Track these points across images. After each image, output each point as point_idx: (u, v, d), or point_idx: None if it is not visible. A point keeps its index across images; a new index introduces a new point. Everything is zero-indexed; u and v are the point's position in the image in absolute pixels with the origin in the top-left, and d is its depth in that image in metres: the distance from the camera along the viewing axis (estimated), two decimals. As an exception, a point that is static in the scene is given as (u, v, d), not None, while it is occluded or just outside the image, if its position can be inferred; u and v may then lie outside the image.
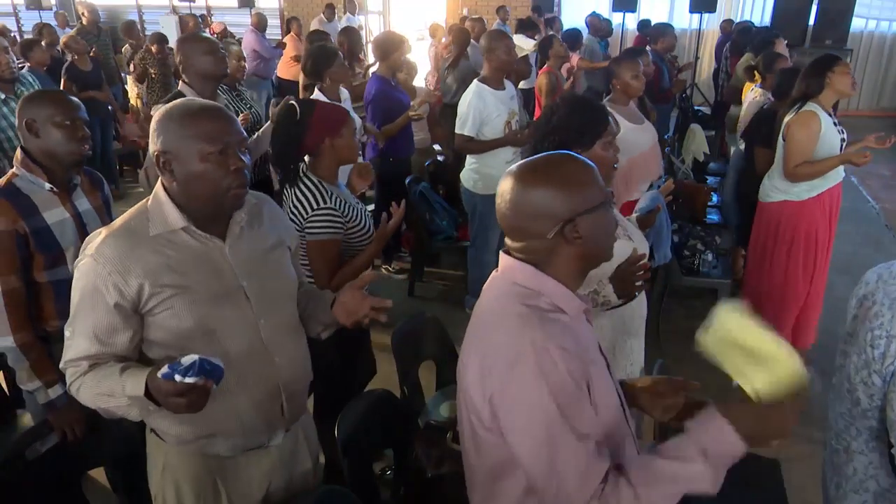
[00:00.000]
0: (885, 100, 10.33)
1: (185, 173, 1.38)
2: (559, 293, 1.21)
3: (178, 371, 1.20)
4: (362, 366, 2.60)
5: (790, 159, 3.15)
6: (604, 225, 1.23)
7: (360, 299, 1.60)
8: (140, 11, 12.27)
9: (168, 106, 1.43)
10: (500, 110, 3.59)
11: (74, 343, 1.40)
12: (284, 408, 1.58)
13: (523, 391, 1.12)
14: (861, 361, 1.45)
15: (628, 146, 3.10)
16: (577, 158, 1.25)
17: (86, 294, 1.37)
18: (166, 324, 1.40)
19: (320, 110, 2.27)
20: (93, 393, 1.37)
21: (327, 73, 3.57)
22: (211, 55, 2.90)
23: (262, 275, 1.52)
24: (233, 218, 1.48)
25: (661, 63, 5.67)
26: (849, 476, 1.54)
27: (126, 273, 1.35)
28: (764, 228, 3.43)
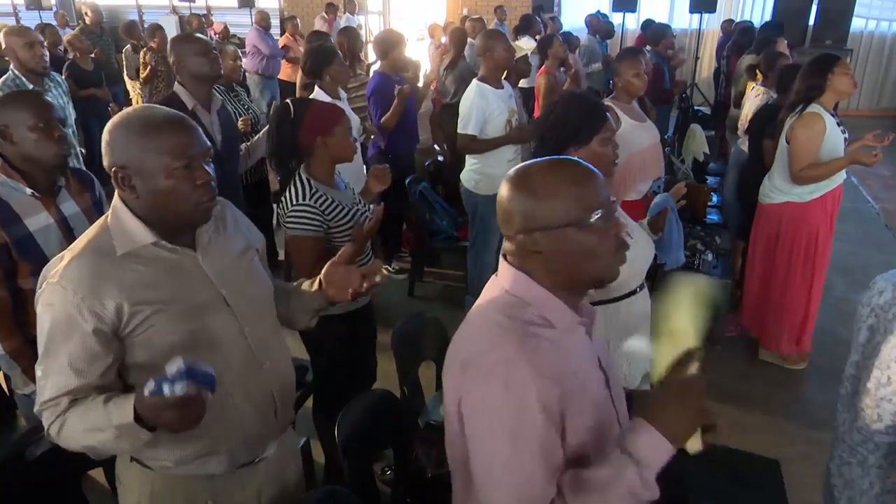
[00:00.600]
0: (885, 100, 10.33)
1: (148, 189, 1.30)
2: (549, 305, 1.17)
3: (166, 382, 1.11)
4: (364, 368, 2.61)
5: (796, 162, 3.11)
6: (571, 246, 1.13)
7: (346, 272, 1.58)
8: (140, 11, 12.27)
9: (124, 116, 1.33)
10: (501, 108, 3.60)
11: (49, 382, 1.29)
12: (278, 414, 1.55)
13: (488, 405, 1.11)
14: (884, 377, 1.43)
15: (627, 143, 3.10)
16: (568, 168, 1.17)
17: (57, 325, 1.28)
18: (151, 342, 1.33)
19: (313, 109, 2.28)
20: (78, 430, 1.27)
21: (327, 72, 3.58)
22: (204, 56, 2.86)
23: (239, 281, 1.48)
24: (200, 227, 1.42)
25: (662, 63, 5.66)
26: (864, 490, 1.52)
27: (100, 296, 1.27)
28: (764, 230, 3.42)
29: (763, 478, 2.17)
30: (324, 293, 1.62)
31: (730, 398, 3.30)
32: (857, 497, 1.55)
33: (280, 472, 1.64)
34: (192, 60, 2.86)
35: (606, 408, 1.23)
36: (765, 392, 3.36)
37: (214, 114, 2.97)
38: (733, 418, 3.12)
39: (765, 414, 3.20)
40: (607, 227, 1.14)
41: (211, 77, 2.93)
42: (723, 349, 3.74)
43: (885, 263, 4.22)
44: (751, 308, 3.62)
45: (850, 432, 1.55)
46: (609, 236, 1.15)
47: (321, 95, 3.49)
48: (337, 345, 2.37)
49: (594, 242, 1.13)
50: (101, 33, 7.44)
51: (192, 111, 2.84)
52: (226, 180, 2.98)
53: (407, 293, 4.40)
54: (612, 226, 1.15)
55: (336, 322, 2.24)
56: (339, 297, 1.61)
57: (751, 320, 3.66)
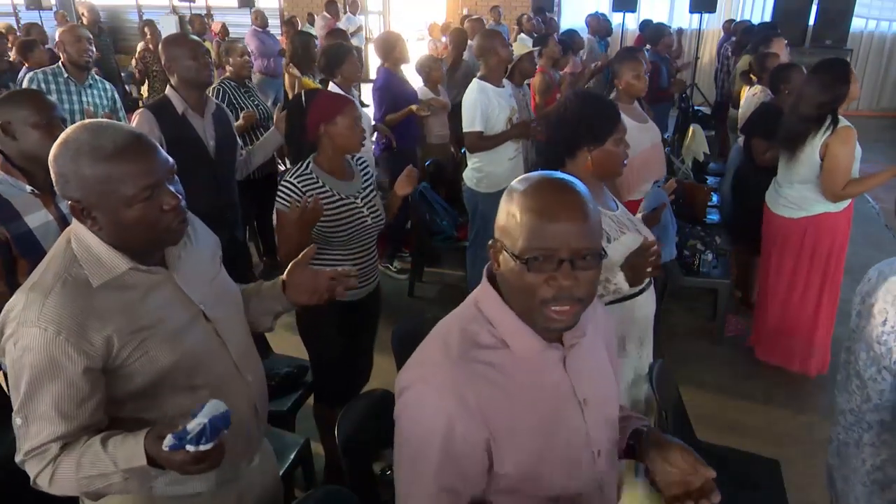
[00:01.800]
0: (885, 100, 10.33)
1: (112, 221, 1.22)
2: (512, 330, 1.11)
3: (189, 440, 1.08)
4: (363, 360, 2.62)
5: (838, 180, 2.98)
6: (514, 279, 1.06)
7: (313, 276, 1.54)
8: (140, 11, 12.27)
9: (71, 144, 1.20)
10: (502, 106, 3.61)
11: (32, 430, 1.20)
12: (260, 424, 1.54)
13: (404, 414, 1.11)
14: (869, 358, 1.48)
15: (630, 144, 3.11)
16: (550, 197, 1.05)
17: (38, 370, 1.18)
18: (145, 369, 1.27)
19: (318, 98, 2.32)
20: (75, 479, 1.20)
21: (339, 72, 3.71)
22: (193, 61, 2.77)
23: (214, 292, 1.44)
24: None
25: (660, 62, 5.67)
26: (857, 467, 1.57)
27: (86, 332, 1.19)
28: (796, 244, 3.23)
29: (763, 478, 2.17)
30: (288, 296, 1.58)
31: (730, 398, 3.30)
32: (850, 475, 1.60)
33: (260, 479, 1.61)
34: (181, 65, 2.78)
35: (575, 439, 1.17)
36: (765, 392, 3.36)
37: (209, 118, 2.88)
38: (733, 418, 3.12)
39: (765, 414, 3.20)
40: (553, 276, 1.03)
41: (200, 84, 2.84)
42: (723, 349, 3.75)
43: (885, 263, 4.21)
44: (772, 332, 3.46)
45: (844, 414, 1.61)
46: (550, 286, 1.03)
47: (335, 90, 3.54)
48: (336, 338, 2.37)
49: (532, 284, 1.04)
50: (100, 33, 7.44)
51: (182, 115, 2.79)
52: (219, 186, 2.92)
53: (407, 293, 4.40)
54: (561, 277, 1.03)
55: (337, 311, 2.24)
56: (301, 301, 1.57)
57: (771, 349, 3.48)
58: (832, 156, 2.96)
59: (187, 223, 1.34)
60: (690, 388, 2.93)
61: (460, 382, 1.06)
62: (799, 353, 3.39)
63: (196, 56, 2.78)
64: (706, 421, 2.71)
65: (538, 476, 1.13)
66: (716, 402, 3.25)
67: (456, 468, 1.07)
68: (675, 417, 2.25)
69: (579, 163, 2.01)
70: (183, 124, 2.80)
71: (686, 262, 3.69)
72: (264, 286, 1.64)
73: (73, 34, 3.59)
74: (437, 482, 1.08)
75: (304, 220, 2.09)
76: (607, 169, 2.02)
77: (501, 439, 1.08)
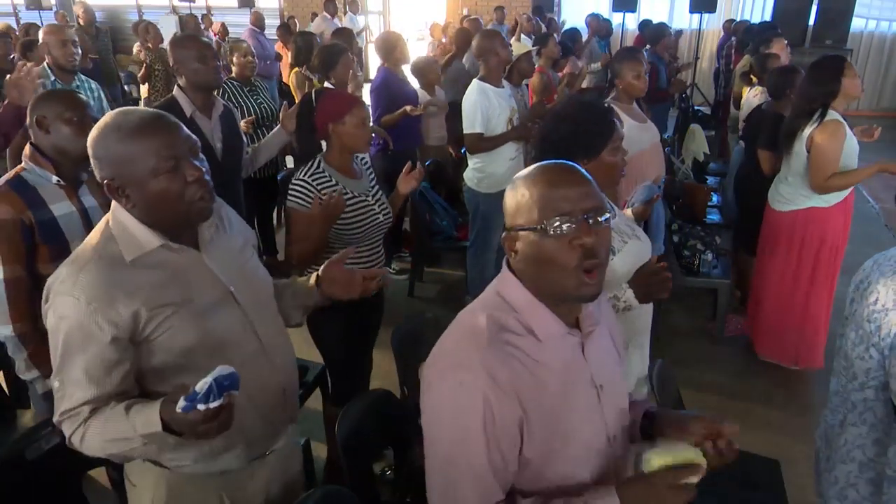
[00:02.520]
0: (885, 100, 10.33)
1: (141, 196, 1.30)
2: (535, 313, 1.15)
3: (199, 400, 1.13)
4: (367, 359, 2.63)
5: (821, 172, 3.02)
6: (532, 251, 1.10)
7: (349, 273, 1.61)
8: (140, 11, 12.27)
9: (102, 127, 1.31)
10: (502, 107, 3.60)
11: (67, 393, 1.30)
12: (287, 407, 1.58)
13: (436, 405, 1.13)
14: (858, 337, 1.49)
15: (630, 144, 3.07)
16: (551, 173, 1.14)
17: (71, 337, 1.27)
18: (168, 345, 1.33)
19: (326, 97, 2.35)
20: (101, 441, 1.28)
21: (332, 74, 3.70)
22: (202, 64, 2.76)
23: (244, 277, 1.49)
24: (201, 226, 1.42)
25: (658, 63, 5.67)
26: (839, 447, 1.58)
27: (114, 304, 1.27)
28: (786, 238, 3.29)
29: (763, 478, 2.17)
30: (323, 291, 1.64)
31: (730, 398, 3.30)
32: (832, 455, 1.61)
33: (285, 464, 1.66)
34: (190, 68, 2.77)
35: (592, 424, 1.20)
36: (765, 392, 3.36)
37: (216, 120, 2.88)
38: (733, 418, 3.10)
39: (765, 414, 3.20)
40: (573, 237, 1.08)
41: (208, 87, 2.83)
42: (723, 349, 3.75)
43: (885, 263, 4.20)
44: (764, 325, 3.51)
45: (832, 397, 1.63)
46: (573, 247, 1.08)
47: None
48: (346, 337, 2.40)
49: (555, 252, 1.08)
50: (98, 34, 7.43)
51: (189, 118, 2.78)
52: (225, 188, 2.93)
53: (407, 293, 4.40)
54: (580, 236, 1.08)
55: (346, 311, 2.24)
56: (341, 295, 1.63)
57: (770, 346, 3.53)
58: (816, 147, 3.02)
59: (213, 198, 1.38)
60: (690, 388, 2.93)
61: (493, 364, 1.08)
62: (791, 347, 3.42)
63: (205, 58, 2.77)
64: (706, 421, 2.71)
65: (560, 461, 1.15)
66: (716, 402, 3.25)
67: (498, 448, 1.10)
68: (675, 417, 2.25)
69: None
70: (190, 126, 2.79)
71: (686, 262, 3.69)
72: (298, 281, 1.72)
73: (57, 37, 3.49)
74: (484, 463, 1.10)
75: (327, 215, 2.11)
76: (605, 179, 1.97)
77: (532, 419, 1.11)
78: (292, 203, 2.24)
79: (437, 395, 1.13)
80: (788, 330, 3.39)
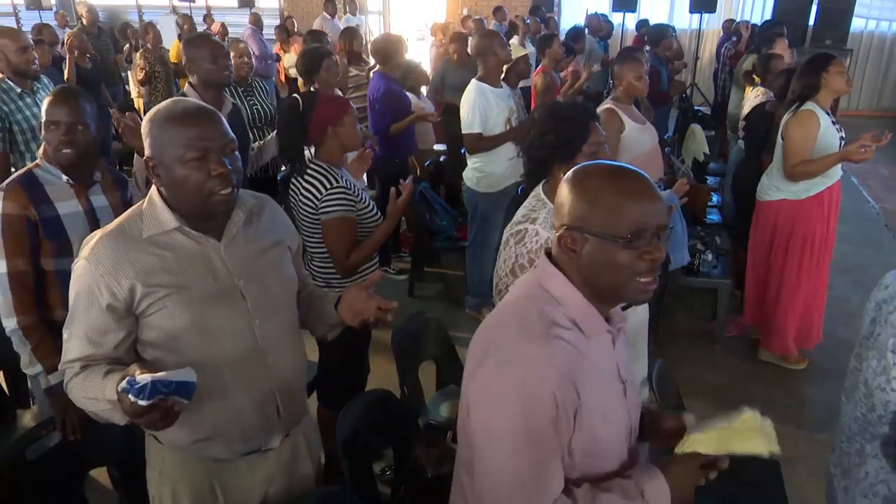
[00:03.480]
0: (885, 100, 10.33)
1: (168, 178, 1.38)
2: (581, 309, 1.18)
3: (133, 391, 1.15)
4: (364, 368, 2.62)
5: (788, 158, 3.15)
6: (605, 258, 1.14)
7: (366, 299, 1.60)
8: (140, 11, 12.27)
9: (154, 110, 1.42)
10: (500, 107, 3.61)
11: (70, 345, 1.40)
12: (280, 410, 1.56)
13: (499, 398, 1.13)
14: (880, 367, 1.44)
15: (631, 146, 3.10)
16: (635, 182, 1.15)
17: (80, 296, 1.38)
18: (160, 324, 1.40)
19: (323, 100, 2.37)
20: (80, 395, 1.36)
21: (316, 78, 3.58)
22: (213, 63, 2.85)
23: (259, 275, 1.51)
24: (231, 218, 1.47)
25: (659, 65, 5.67)
26: (859, 479, 1.54)
27: (117, 274, 1.35)
28: (762, 228, 3.43)
29: (763, 478, 2.17)
30: (339, 314, 1.63)
31: (730, 398, 3.30)
32: (852, 486, 1.57)
33: (292, 463, 1.66)
34: (201, 66, 2.86)
35: (621, 417, 1.25)
36: (765, 392, 3.36)
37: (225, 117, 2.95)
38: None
39: (765, 414, 3.19)
40: (648, 250, 1.12)
41: (219, 84, 2.92)
42: (723, 349, 3.75)
43: (885, 263, 4.22)
44: (753, 308, 3.62)
45: (849, 423, 1.58)
46: (644, 260, 1.13)
47: None
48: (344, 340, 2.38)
49: (628, 261, 1.12)
50: (99, 34, 7.43)
51: None
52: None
53: (407, 293, 4.40)
54: (653, 250, 1.13)
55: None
56: (349, 321, 1.62)
57: (754, 321, 3.66)
58: (787, 135, 3.14)
59: (234, 195, 1.42)
60: (690, 388, 2.93)
61: (554, 356, 1.11)
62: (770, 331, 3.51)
63: (216, 59, 2.86)
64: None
65: (597, 454, 1.19)
66: (716, 402, 3.25)
67: (561, 438, 1.12)
68: (675, 417, 2.25)
69: (556, 180, 1.92)
70: None
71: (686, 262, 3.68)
72: (329, 294, 1.72)
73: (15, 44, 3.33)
74: (555, 453, 1.12)
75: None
76: None
77: (583, 410, 1.13)
78: (339, 213, 2.25)
79: (500, 389, 1.13)
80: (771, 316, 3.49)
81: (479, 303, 3.96)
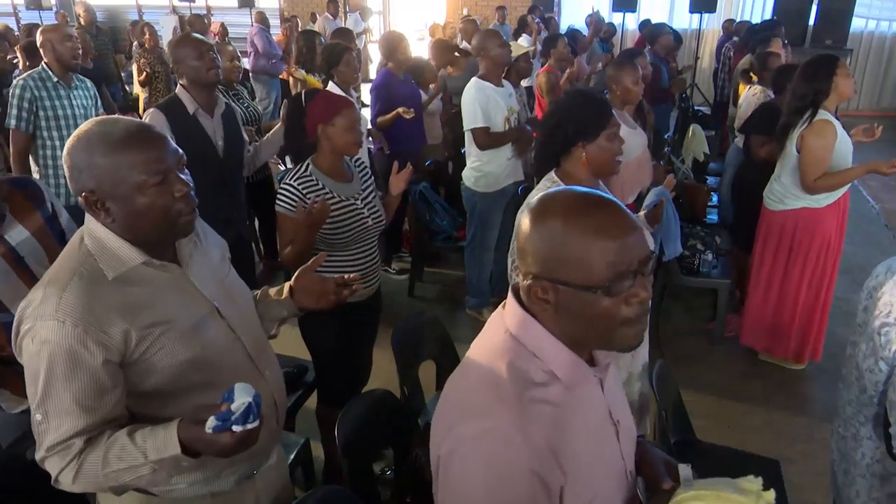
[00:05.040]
0: (885, 100, 10.33)
1: (125, 210, 1.23)
2: (558, 358, 1.02)
3: (235, 420, 1.09)
4: (363, 361, 2.62)
5: (810, 172, 3.02)
6: (585, 310, 0.97)
7: (320, 281, 1.57)
8: (140, 11, 12.27)
9: (83, 136, 1.23)
10: (500, 106, 3.60)
11: (53, 425, 1.20)
12: (279, 420, 1.55)
13: (465, 473, 0.98)
14: (868, 349, 1.48)
15: (626, 149, 3.10)
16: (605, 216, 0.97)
17: (56, 364, 1.18)
18: (160, 365, 1.28)
19: (318, 98, 2.31)
20: (101, 474, 1.20)
21: (335, 72, 3.70)
22: (200, 61, 2.79)
23: (226, 291, 1.45)
24: (180, 241, 1.37)
25: (659, 63, 5.67)
26: (857, 461, 1.57)
27: (103, 325, 1.20)
28: (775, 236, 3.30)
29: (763, 478, 2.17)
30: (295, 301, 1.60)
31: (730, 398, 3.29)
32: (850, 468, 1.60)
33: (275, 478, 1.62)
34: (189, 66, 2.80)
35: (614, 464, 1.13)
36: (765, 392, 3.35)
37: (218, 118, 2.91)
38: (733, 418, 3.12)
39: (765, 414, 3.20)
40: (633, 293, 0.97)
41: (209, 83, 2.86)
42: (723, 349, 3.75)
43: (885, 263, 4.20)
44: (754, 321, 3.51)
45: (844, 406, 1.62)
46: (630, 304, 0.97)
47: (334, 90, 3.55)
48: (337, 337, 2.38)
49: (611, 310, 0.96)
50: (98, 33, 7.43)
51: (193, 115, 2.82)
52: (227, 186, 2.96)
53: (407, 293, 4.40)
54: (639, 290, 0.97)
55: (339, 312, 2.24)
56: (313, 306, 1.59)
57: (755, 335, 3.54)
58: (806, 147, 3.02)
59: (197, 214, 1.34)
60: (690, 388, 2.93)
61: (527, 427, 0.96)
62: (784, 343, 3.44)
63: (202, 57, 2.80)
64: (706, 421, 2.71)
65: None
66: (716, 402, 3.25)
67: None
68: (675, 417, 2.25)
69: (574, 159, 2.01)
70: (193, 124, 2.83)
71: (686, 262, 3.69)
72: (270, 292, 1.65)
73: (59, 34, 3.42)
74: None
75: (312, 221, 2.09)
76: (602, 165, 2.03)
77: (570, 479, 1.00)
78: (279, 207, 2.23)
79: (467, 465, 0.98)
80: (783, 327, 3.41)
81: (479, 303, 3.96)
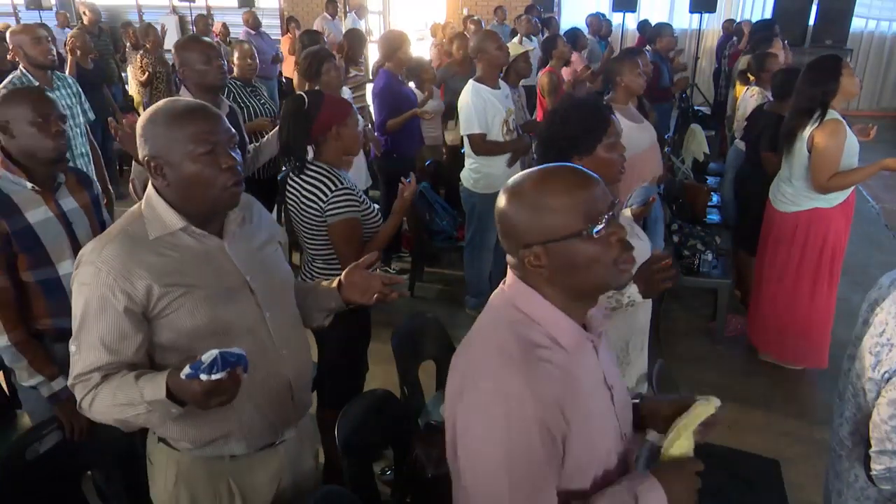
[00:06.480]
0: (885, 100, 10.33)
1: (177, 176, 1.38)
2: (558, 324, 1.13)
3: (202, 370, 1.18)
4: (363, 368, 2.62)
5: (822, 172, 3.02)
6: (574, 258, 1.08)
7: (369, 277, 1.66)
8: (140, 11, 12.28)
9: (152, 110, 1.42)
10: (497, 108, 3.60)
11: (82, 357, 1.37)
12: (295, 400, 1.60)
13: (485, 433, 1.07)
14: (860, 367, 1.45)
15: (628, 145, 3.10)
16: (566, 177, 1.12)
17: (91, 304, 1.35)
18: (178, 324, 1.40)
19: (329, 100, 2.36)
20: (108, 404, 1.34)
21: (317, 81, 3.53)
22: (206, 65, 2.78)
23: (263, 269, 1.55)
24: (228, 216, 1.49)
25: (660, 62, 5.67)
26: (850, 483, 1.54)
27: (131, 277, 1.35)
28: (789, 237, 3.28)
29: (763, 478, 2.17)
30: (343, 294, 1.69)
31: (730, 398, 3.28)
32: (844, 489, 1.57)
33: (298, 457, 1.69)
34: (195, 69, 2.79)
35: (611, 426, 1.21)
36: (765, 392, 3.36)
37: None
38: (733, 418, 3.12)
39: (765, 414, 3.20)
40: (610, 234, 1.09)
41: (214, 88, 2.84)
42: (723, 349, 3.75)
43: (885, 263, 4.22)
44: (762, 323, 3.52)
45: (841, 423, 1.58)
46: (612, 243, 1.09)
47: None
48: (348, 341, 2.40)
49: (598, 251, 1.08)
50: (100, 34, 7.43)
51: None
52: None
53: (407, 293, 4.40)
54: (615, 231, 1.10)
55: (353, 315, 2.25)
56: (359, 300, 1.67)
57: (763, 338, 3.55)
58: (817, 147, 3.02)
59: (241, 188, 1.46)
60: (690, 388, 2.93)
61: (538, 384, 1.06)
62: (793, 347, 3.42)
63: (208, 61, 2.78)
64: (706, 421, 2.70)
65: (587, 468, 1.15)
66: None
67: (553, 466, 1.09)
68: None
69: None
70: None
71: (686, 262, 3.68)
72: (321, 284, 1.76)
73: (29, 35, 3.36)
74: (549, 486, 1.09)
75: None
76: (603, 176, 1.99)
77: (573, 432, 1.10)
78: (347, 213, 2.24)
79: (487, 428, 1.07)
80: (791, 330, 3.39)
81: (479, 303, 3.96)
